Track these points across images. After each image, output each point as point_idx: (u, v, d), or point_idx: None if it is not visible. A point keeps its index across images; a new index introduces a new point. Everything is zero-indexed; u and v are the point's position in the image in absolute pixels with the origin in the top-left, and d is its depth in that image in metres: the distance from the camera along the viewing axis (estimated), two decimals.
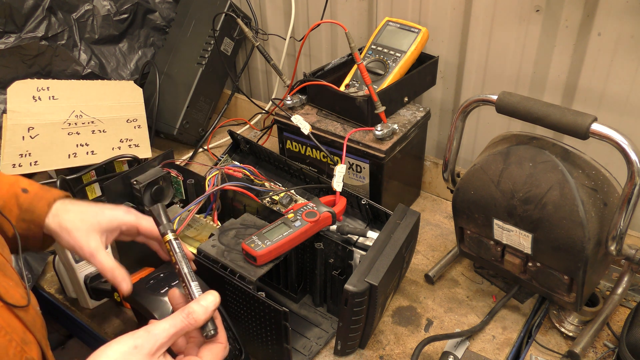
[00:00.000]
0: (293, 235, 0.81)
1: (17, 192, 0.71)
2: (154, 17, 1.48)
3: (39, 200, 0.71)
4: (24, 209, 0.70)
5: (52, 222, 0.71)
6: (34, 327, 0.62)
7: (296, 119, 1.04)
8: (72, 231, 0.70)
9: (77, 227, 0.70)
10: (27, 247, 0.72)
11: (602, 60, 0.95)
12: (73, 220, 0.71)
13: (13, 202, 0.70)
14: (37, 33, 1.25)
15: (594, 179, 0.77)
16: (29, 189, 0.72)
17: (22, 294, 0.62)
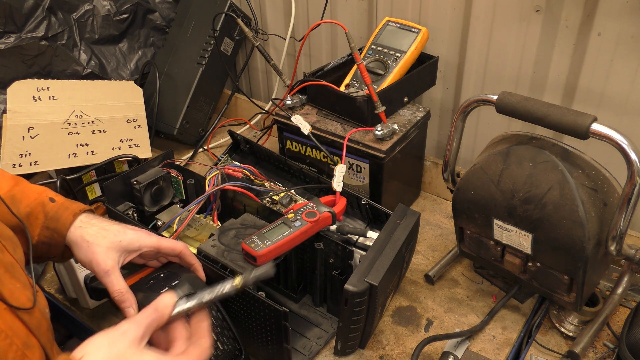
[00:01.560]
0: (293, 235, 0.81)
1: (45, 200, 0.72)
2: (154, 17, 1.48)
3: (64, 209, 0.72)
4: (49, 217, 0.70)
5: (74, 233, 0.71)
6: (38, 331, 0.61)
7: (296, 119, 1.04)
8: (92, 245, 0.70)
9: (98, 242, 0.70)
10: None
11: (602, 60, 0.95)
12: (95, 235, 0.71)
13: (40, 210, 0.71)
14: (37, 33, 1.25)
15: (594, 179, 0.77)
16: (56, 199, 0.73)
17: (28, 297, 0.62)
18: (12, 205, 0.67)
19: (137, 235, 0.73)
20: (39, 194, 0.72)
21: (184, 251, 0.75)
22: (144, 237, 0.74)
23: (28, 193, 0.72)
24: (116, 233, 0.72)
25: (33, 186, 0.74)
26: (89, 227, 0.72)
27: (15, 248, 0.66)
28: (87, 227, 0.72)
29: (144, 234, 0.74)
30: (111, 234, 0.72)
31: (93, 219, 0.73)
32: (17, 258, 0.65)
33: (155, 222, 0.99)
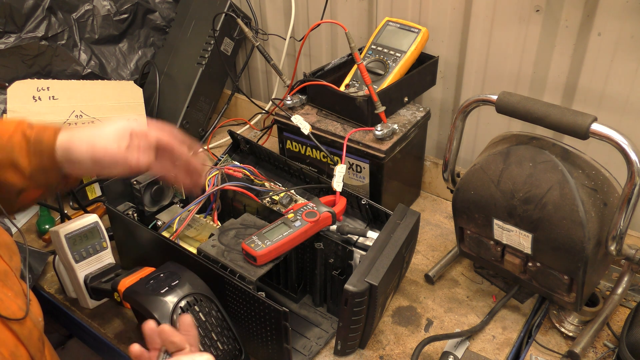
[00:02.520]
0: (293, 235, 0.81)
1: (24, 129, 0.70)
2: (154, 17, 1.48)
3: (44, 130, 0.70)
4: (32, 142, 0.68)
5: (62, 142, 0.69)
6: (28, 341, 0.61)
7: (296, 119, 1.04)
8: (89, 137, 0.70)
9: (91, 132, 0.70)
10: (51, 185, 0.71)
11: (602, 60, 0.95)
12: (83, 131, 0.70)
13: (21, 139, 0.68)
14: (37, 33, 1.25)
15: (594, 179, 0.77)
16: (33, 125, 0.71)
17: (20, 306, 0.61)
18: None
19: (121, 123, 0.72)
20: (17, 124, 0.70)
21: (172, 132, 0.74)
22: (126, 123, 0.72)
23: (6, 127, 0.70)
24: (103, 124, 0.71)
25: (9, 120, 0.72)
26: (75, 131, 0.70)
27: (11, 255, 0.66)
28: (73, 132, 0.70)
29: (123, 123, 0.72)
30: (99, 126, 0.71)
31: (74, 129, 0.71)
32: (13, 266, 0.65)
33: (155, 222, 0.99)
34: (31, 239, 1.15)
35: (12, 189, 0.68)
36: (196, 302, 0.74)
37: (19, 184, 0.68)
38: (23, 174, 0.68)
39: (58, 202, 1.03)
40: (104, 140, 0.70)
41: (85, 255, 0.88)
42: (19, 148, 0.68)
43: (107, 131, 0.71)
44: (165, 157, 0.76)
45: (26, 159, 0.67)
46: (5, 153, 0.67)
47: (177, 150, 0.76)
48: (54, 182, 0.71)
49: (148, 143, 0.73)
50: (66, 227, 0.87)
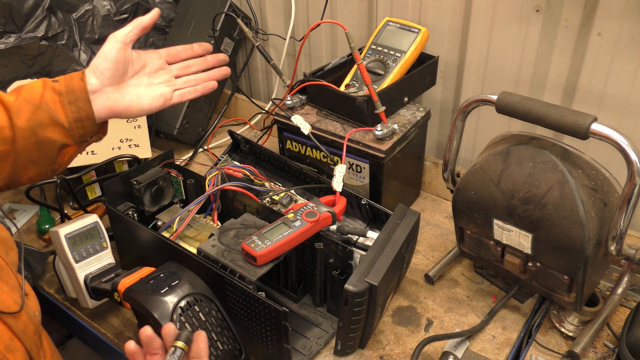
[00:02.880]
0: (293, 235, 0.81)
1: (52, 85, 0.72)
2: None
3: (70, 79, 0.72)
4: (64, 93, 0.71)
5: (92, 78, 0.73)
6: (23, 335, 0.61)
7: (296, 119, 1.04)
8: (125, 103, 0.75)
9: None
10: (85, 133, 0.73)
11: (602, 60, 0.95)
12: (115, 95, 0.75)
13: (52, 93, 0.71)
14: (37, 33, 1.25)
15: (594, 179, 0.77)
16: (57, 78, 0.73)
17: (15, 300, 0.61)
18: (28, 107, 0.69)
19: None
20: (43, 83, 0.72)
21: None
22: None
23: (35, 88, 0.72)
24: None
25: (33, 82, 0.74)
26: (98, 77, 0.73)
27: (8, 250, 0.66)
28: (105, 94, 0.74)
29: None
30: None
31: (92, 70, 0.74)
32: (9, 260, 0.65)
33: (155, 222, 0.99)
34: (31, 239, 1.15)
35: (54, 145, 0.71)
36: (196, 302, 0.74)
37: (60, 139, 0.71)
38: (63, 127, 0.70)
39: (58, 202, 1.03)
40: (145, 102, 0.77)
41: (85, 255, 0.88)
42: (52, 103, 0.70)
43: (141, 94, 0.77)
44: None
45: (62, 112, 0.70)
46: (44, 111, 0.69)
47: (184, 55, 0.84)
48: (90, 131, 0.73)
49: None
50: (66, 227, 0.87)
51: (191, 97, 0.82)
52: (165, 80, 0.80)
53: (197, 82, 0.83)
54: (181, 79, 0.82)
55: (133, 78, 0.77)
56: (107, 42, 0.74)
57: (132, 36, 0.75)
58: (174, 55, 0.82)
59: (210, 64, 0.85)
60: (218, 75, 0.85)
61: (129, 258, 1.00)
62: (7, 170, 0.70)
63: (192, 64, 0.84)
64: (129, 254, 1.00)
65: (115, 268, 0.90)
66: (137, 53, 0.79)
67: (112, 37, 0.74)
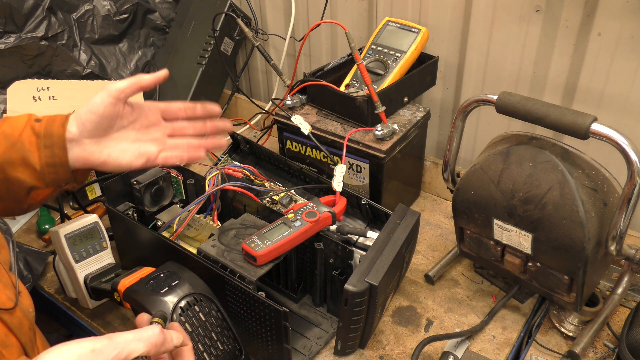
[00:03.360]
0: (293, 235, 0.81)
1: (32, 124, 0.69)
2: (154, 17, 1.48)
3: (52, 122, 0.68)
4: (42, 136, 0.67)
5: (73, 127, 0.68)
6: (19, 330, 0.61)
7: (296, 119, 1.04)
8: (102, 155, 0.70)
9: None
10: (59, 182, 0.70)
11: (602, 60, 0.95)
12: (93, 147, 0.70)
13: (30, 133, 0.67)
14: (37, 33, 1.25)
15: (594, 179, 0.77)
16: (41, 118, 0.70)
17: (9, 296, 0.62)
18: (4, 142, 0.66)
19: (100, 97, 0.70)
20: (27, 120, 0.69)
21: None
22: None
23: (17, 124, 0.69)
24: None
25: (19, 116, 0.71)
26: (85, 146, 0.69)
27: (0, 249, 0.67)
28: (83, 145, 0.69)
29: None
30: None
31: (76, 118, 0.70)
32: (1, 259, 0.65)
33: (155, 222, 0.99)
34: (31, 239, 1.15)
35: (22, 186, 0.68)
36: (196, 302, 0.74)
37: (30, 181, 0.68)
38: (34, 170, 0.67)
39: (58, 202, 1.03)
40: (124, 159, 0.71)
41: (85, 255, 0.88)
42: (28, 144, 0.67)
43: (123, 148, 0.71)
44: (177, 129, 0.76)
45: (36, 155, 0.67)
46: (17, 151, 0.67)
47: (182, 112, 0.76)
48: (63, 178, 0.69)
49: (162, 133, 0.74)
50: (66, 227, 0.87)
51: (174, 164, 0.76)
52: (154, 139, 0.74)
53: (187, 150, 0.75)
54: (172, 141, 0.75)
55: (119, 132, 0.71)
56: (99, 93, 0.69)
57: (129, 92, 0.70)
58: (172, 112, 0.76)
59: (207, 130, 0.77)
60: (211, 146, 0.77)
61: (129, 258, 1.00)
62: None
63: (187, 127, 0.76)
64: (129, 254, 1.00)
65: (115, 268, 0.90)
66: (131, 106, 0.72)
67: (106, 89, 0.69)
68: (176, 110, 0.76)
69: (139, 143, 0.72)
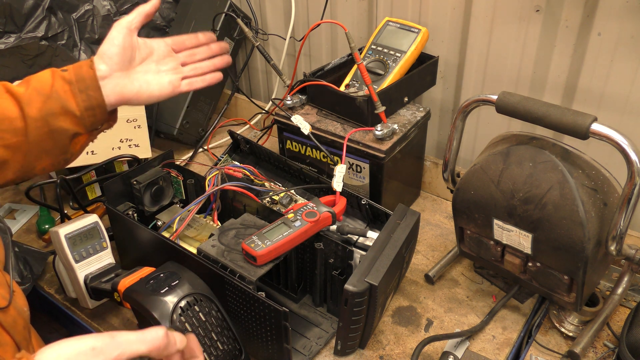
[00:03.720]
0: (293, 235, 0.81)
1: (61, 74, 0.72)
2: (154, 17, 1.48)
3: (79, 68, 0.72)
4: (74, 82, 0.71)
5: (101, 65, 0.72)
6: (13, 329, 0.62)
7: (296, 119, 1.04)
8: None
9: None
10: (96, 121, 0.73)
11: (602, 60, 0.95)
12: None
13: (62, 82, 0.71)
14: (37, 33, 1.25)
15: (594, 179, 0.77)
16: (66, 67, 0.73)
17: (3, 295, 0.62)
18: (39, 97, 0.69)
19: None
20: (51, 73, 0.72)
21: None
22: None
23: (44, 78, 0.72)
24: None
25: (41, 72, 0.74)
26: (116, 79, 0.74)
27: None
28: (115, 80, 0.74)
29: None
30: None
31: (101, 57, 0.74)
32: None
33: (155, 222, 0.99)
34: (31, 239, 1.15)
35: (66, 135, 0.71)
36: (196, 302, 0.74)
37: (72, 128, 0.71)
38: (74, 116, 0.70)
39: (58, 202, 1.03)
40: (154, 88, 0.77)
41: (85, 255, 0.88)
42: (63, 92, 0.70)
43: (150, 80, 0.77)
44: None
45: (73, 101, 0.70)
46: (55, 101, 0.69)
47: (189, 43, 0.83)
48: (100, 119, 0.73)
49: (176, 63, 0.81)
50: (66, 227, 0.87)
51: (200, 87, 0.82)
52: (172, 68, 0.80)
53: (203, 71, 0.83)
54: (187, 67, 0.82)
55: (141, 64, 0.77)
56: (112, 29, 0.74)
57: (137, 23, 0.75)
58: (179, 43, 0.82)
59: (213, 52, 0.85)
60: (221, 64, 0.85)
61: (129, 258, 1.00)
62: (21, 162, 0.70)
63: (197, 52, 0.84)
64: (129, 254, 1.00)
65: (115, 268, 0.90)
66: (143, 40, 0.78)
67: (117, 24, 0.74)
68: (182, 41, 0.83)
69: (161, 73, 0.78)
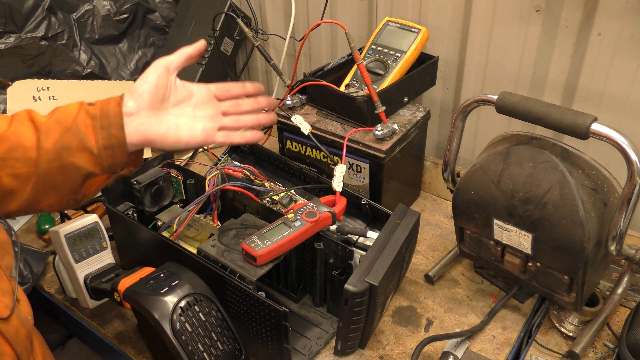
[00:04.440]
0: (293, 235, 0.81)
1: (86, 108, 0.67)
2: (154, 17, 1.48)
3: (107, 103, 0.67)
4: (97, 117, 0.65)
5: (129, 101, 0.67)
6: (15, 340, 0.60)
7: (296, 119, 1.04)
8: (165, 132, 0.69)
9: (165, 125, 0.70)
10: (115, 163, 0.67)
11: (602, 60, 0.95)
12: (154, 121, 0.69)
13: (85, 116, 0.66)
14: (37, 33, 1.25)
15: (594, 179, 0.77)
16: (94, 102, 0.68)
17: (6, 304, 0.61)
18: (59, 128, 0.64)
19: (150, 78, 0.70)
20: (79, 105, 0.67)
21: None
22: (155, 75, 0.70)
23: (70, 110, 0.67)
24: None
25: (71, 103, 0.69)
26: (145, 121, 0.68)
27: (4, 254, 0.65)
28: (143, 121, 0.68)
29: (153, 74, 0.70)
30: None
31: (131, 93, 0.68)
32: (3, 265, 0.64)
33: (155, 222, 0.99)
34: (31, 239, 1.15)
35: (79, 173, 0.66)
36: (196, 302, 0.74)
37: (86, 167, 0.65)
38: (91, 154, 0.65)
39: None
40: (183, 133, 0.70)
41: (85, 255, 0.88)
42: (84, 127, 0.65)
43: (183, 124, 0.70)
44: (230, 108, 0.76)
45: (92, 137, 0.65)
46: (72, 135, 0.64)
47: (234, 92, 0.76)
48: (120, 161, 0.67)
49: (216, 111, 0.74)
50: (66, 227, 0.87)
51: (237, 143, 0.75)
52: (211, 115, 0.73)
53: (245, 124, 0.75)
54: (229, 118, 0.74)
55: (176, 107, 0.71)
56: (150, 66, 0.70)
57: (177, 64, 0.70)
58: (224, 91, 0.75)
59: (260, 105, 0.77)
60: (266, 121, 0.77)
61: (129, 258, 1.00)
62: (27, 194, 0.66)
63: (242, 103, 0.76)
64: (129, 254, 1.00)
65: (115, 268, 0.90)
66: (183, 83, 0.72)
67: (155, 62, 0.70)
68: (227, 89, 0.75)
69: (197, 119, 0.71)
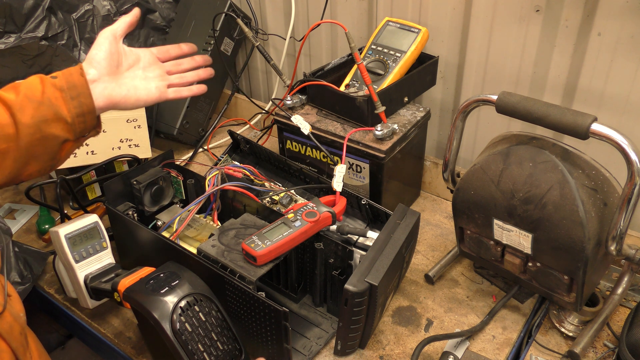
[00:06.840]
0: (293, 235, 0.81)
1: (50, 81, 0.73)
2: (154, 17, 1.48)
3: (69, 75, 0.73)
4: (65, 89, 0.71)
5: (90, 70, 0.75)
6: (9, 335, 0.61)
7: (296, 119, 1.04)
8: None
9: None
10: (86, 127, 0.74)
11: (602, 60, 0.95)
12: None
13: (52, 89, 0.71)
14: (37, 33, 1.25)
15: (594, 179, 0.77)
16: (54, 74, 0.74)
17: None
18: (30, 104, 0.69)
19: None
20: (40, 80, 0.72)
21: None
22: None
23: (33, 85, 0.72)
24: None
25: (29, 79, 0.74)
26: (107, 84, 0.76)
27: None
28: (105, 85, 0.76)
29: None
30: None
31: (90, 62, 0.76)
32: None
33: (155, 222, 0.99)
34: (31, 239, 1.15)
35: (56, 141, 0.72)
36: (196, 302, 0.74)
37: (63, 135, 0.72)
38: (66, 123, 0.71)
39: (58, 202, 1.03)
40: (142, 93, 0.79)
41: (85, 255, 0.88)
42: (55, 99, 0.71)
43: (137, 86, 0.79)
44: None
45: (65, 108, 0.71)
46: (47, 107, 0.70)
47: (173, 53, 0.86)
48: (90, 125, 0.75)
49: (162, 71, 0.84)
50: (66, 227, 0.87)
51: (186, 95, 0.84)
52: (159, 75, 0.83)
53: (189, 80, 0.85)
54: (174, 76, 0.84)
55: (128, 70, 0.80)
56: (97, 37, 0.77)
57: (121, 30, 0.79)
58: (164, 52, 0.85)
59: (197, 63, 0.88)
60: (205, 75, 0.88)
61: (129, 258, 1.00)
62: (9, 168, 0.71)
63: (182, 62, 0.86)
64: (129, 254, 1.00)
65: (115, 268, 0.90)
66: (130, 48, 0.81)
67: (102, 32, 0.78)
68: (166, 51, 0.86)
69: (148, 80, 0.81)
